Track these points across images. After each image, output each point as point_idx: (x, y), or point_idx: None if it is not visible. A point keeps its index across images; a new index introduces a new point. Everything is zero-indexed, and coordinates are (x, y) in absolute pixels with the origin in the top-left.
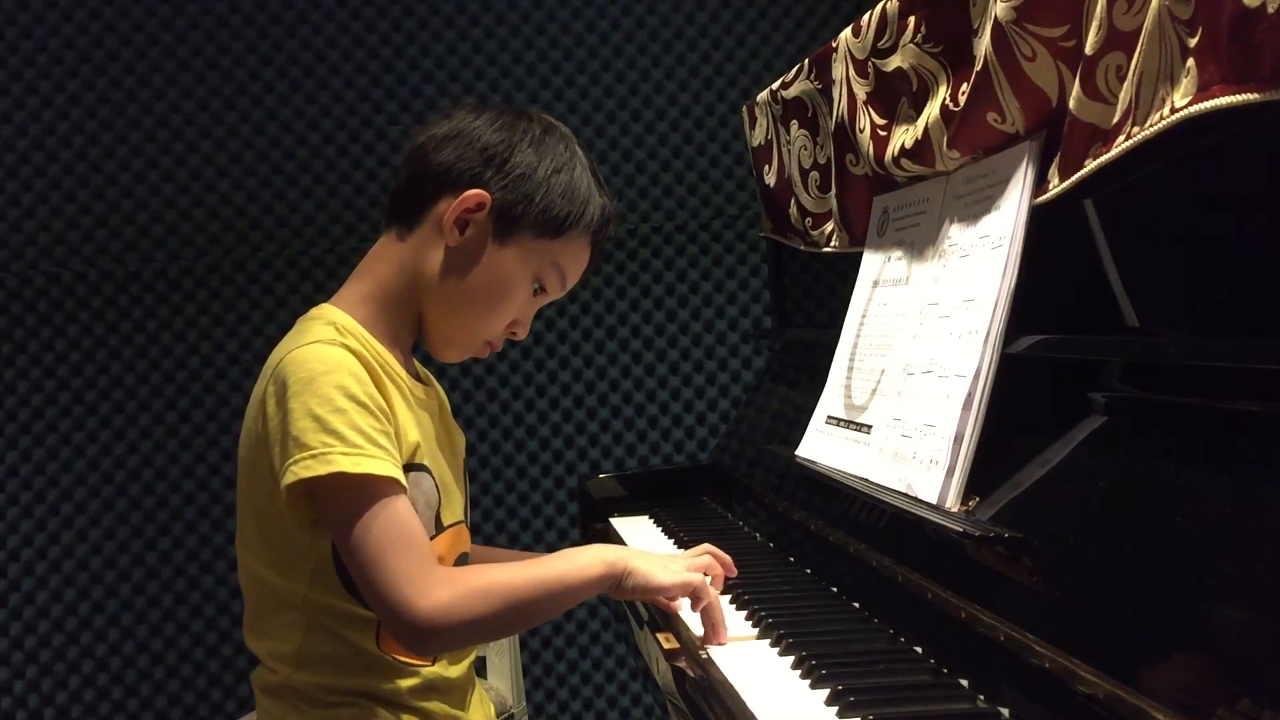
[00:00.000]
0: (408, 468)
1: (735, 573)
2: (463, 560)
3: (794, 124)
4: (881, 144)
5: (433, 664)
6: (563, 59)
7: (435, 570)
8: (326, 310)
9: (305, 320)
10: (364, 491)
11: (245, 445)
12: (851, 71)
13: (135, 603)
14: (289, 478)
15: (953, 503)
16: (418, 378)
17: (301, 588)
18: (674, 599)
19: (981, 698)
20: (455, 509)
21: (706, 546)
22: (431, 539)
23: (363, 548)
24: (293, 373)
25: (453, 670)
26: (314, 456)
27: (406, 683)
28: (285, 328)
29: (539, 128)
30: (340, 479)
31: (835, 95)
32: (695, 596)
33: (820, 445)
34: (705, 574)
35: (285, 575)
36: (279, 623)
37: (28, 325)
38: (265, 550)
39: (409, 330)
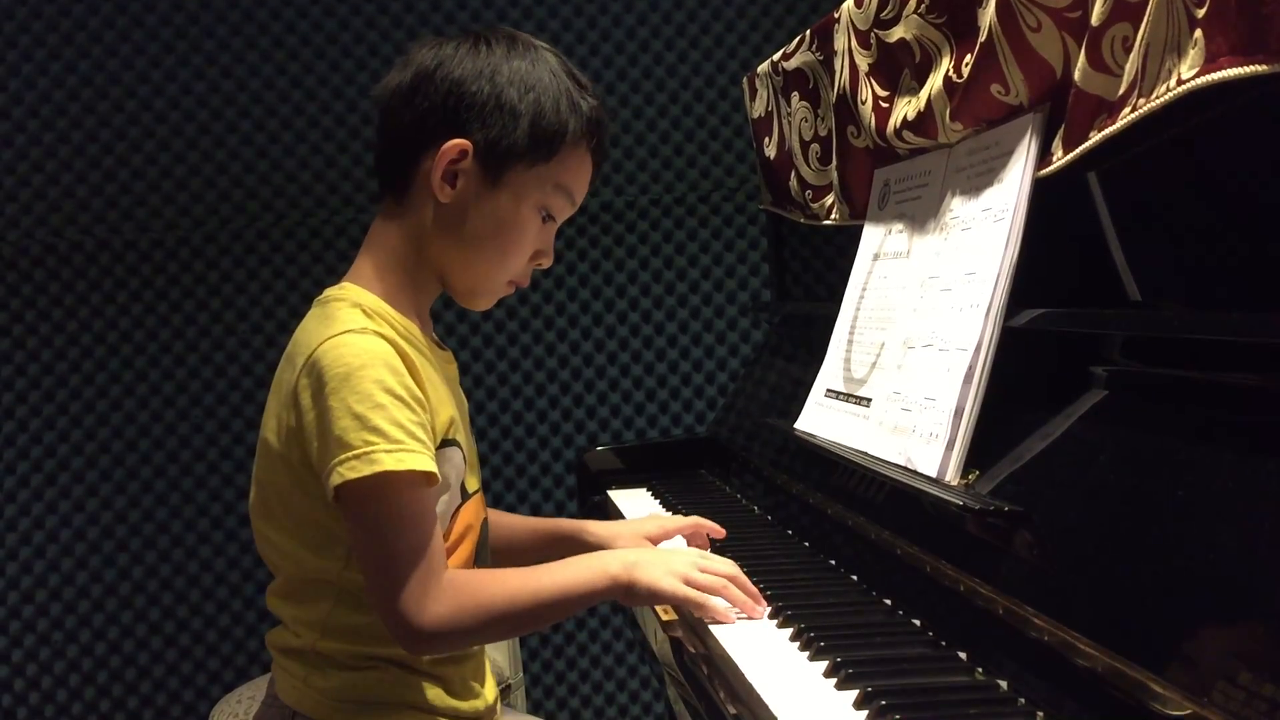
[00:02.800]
0: (443, 444)
1: (759, 614)
2: (484, 526)
3: (795, 96)
4: (883, 116)
5: None
6: (561, 29)
7: (439, 579)
8: (349, 290)
9: (330, 303)
10: (400, 492)
11: (273, 432)
12: (854, 42)
13: (133, 572)
14: (335, 479)
15: (952, 476)
16: (438, 344)
17: (336, 565)
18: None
19: (980, 670)
20: (475, 476)
21: (732, 569)
22: (459, 508)
23: (377, 550)
24: (329, 366)
25: None
26: (358, 457)
27: None
28: (282, 298)
29: (501, 47)
30: (383, 478)
31: (837, 67)
32: (714, 597)
33: (819, 418)
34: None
35: (321, 555)
36: (308, 595)
37: (24, 294)
38: (296, 531)
39: (428, 296)
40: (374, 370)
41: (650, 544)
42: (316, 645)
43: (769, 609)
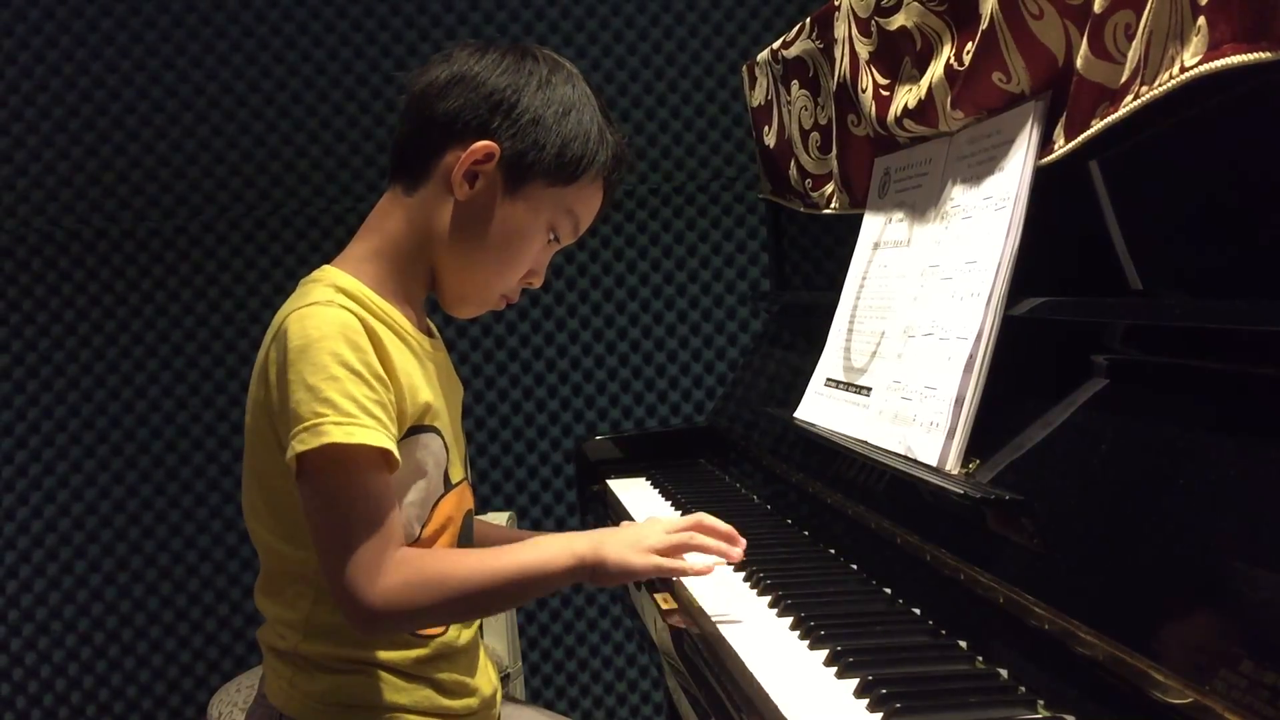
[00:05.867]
0: (419, 429)
1: (740, 546)
2: (468, 518)
3: (795, 84)
4: (884, 104)
5: (443, 633)
6: (560, 17)
7: (392, 555)
8: (329, 272)
9: (306, 282)
10: (348, 466)
11: (250, 413)
12: (854, 30)
13: (132, 561)
14: (289, 454)
15: (953, 465)
16: (428, 333)
17: (313, 558)
18: (654, 576)
19: (980, 659)
20: (460, 466)
21: (698, 516)
22: (440, 498)
23: (328, 527)
24: (291, 339)
25: (462, 638)
26: (307, 429)
27: (415, 653)
28: (280, 287)
29: (545, 68)
30: (330, 450)
31: (837, 55)
32: (681, 553)
33: (819, 407)
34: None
35: (296, 545)
36: (288, 590)
37: (21, 283)
38: (273, 520)
39: (421, 286)
40: (331, 343)
41: None
42: (300, 647)
43: (751, 583)
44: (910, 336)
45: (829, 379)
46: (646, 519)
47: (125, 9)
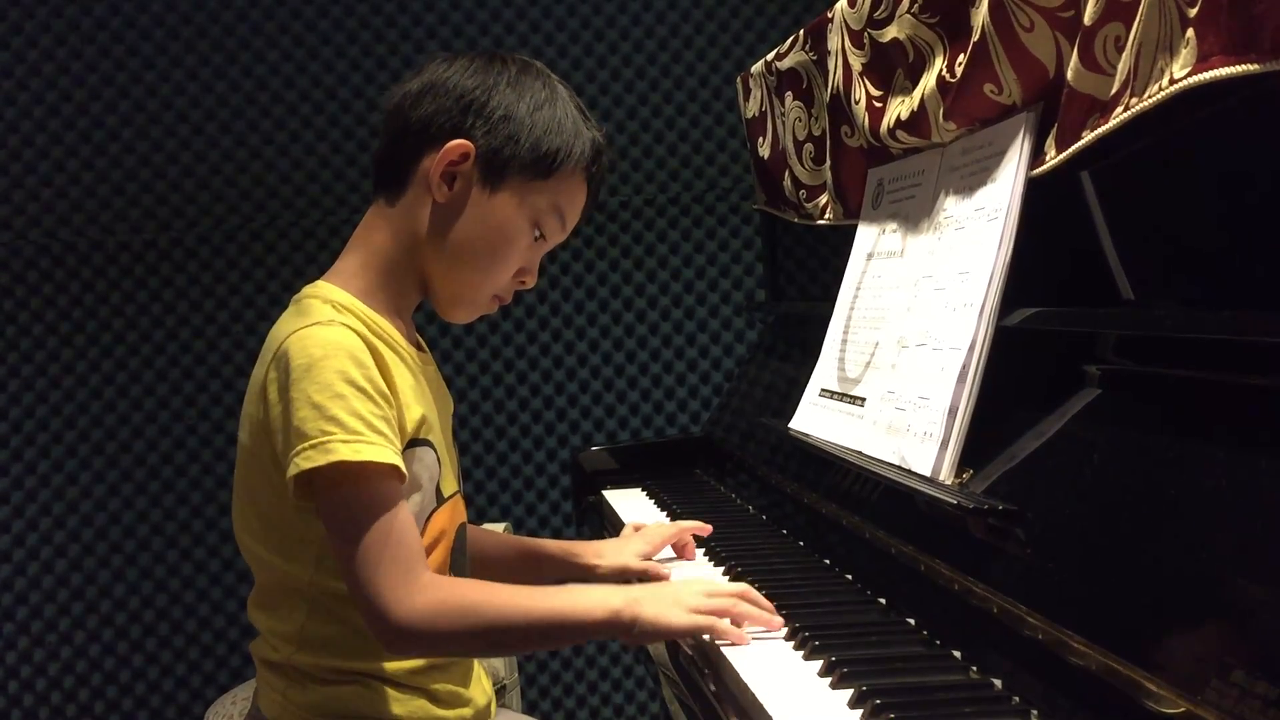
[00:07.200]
0: (413, 443)
1: (776, 624)
2: (461, 531)
3: (789, 95)
4: (877, 116)
5: None
6: (555, 29)
7: (420, 575)
8: (322, 288)
9: (302, 300)
10: (361, 482)
11: (245, 430)
12: (847, 42)
13: (128, 573)
14: (292, 469)
15: (946, 475)
16: (418, 346)
17: (306, 572)
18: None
19: (974, 669)
20: (452, 479)
21: (742, 587)
22: (433, 512)
23: (351, 542)
24: (294, 358)
25: None
26: (314, 446)
27: (409, 663)
28: (275, 299)
29: (514, 67)
30: (339, 468)
31: (830, 66)
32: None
33: (813, 418)
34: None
35: (289, 560)
36: (282, 603)
37: (17, 295)
38: (266, 535)
39: (411, 297)
40: (336, 361)
41: (640, 559)
42: (293, 659)
43: (783, 622)
44: (904, 347)
45: (824, 389)
46: (685, 578)
47: (120, 22)
